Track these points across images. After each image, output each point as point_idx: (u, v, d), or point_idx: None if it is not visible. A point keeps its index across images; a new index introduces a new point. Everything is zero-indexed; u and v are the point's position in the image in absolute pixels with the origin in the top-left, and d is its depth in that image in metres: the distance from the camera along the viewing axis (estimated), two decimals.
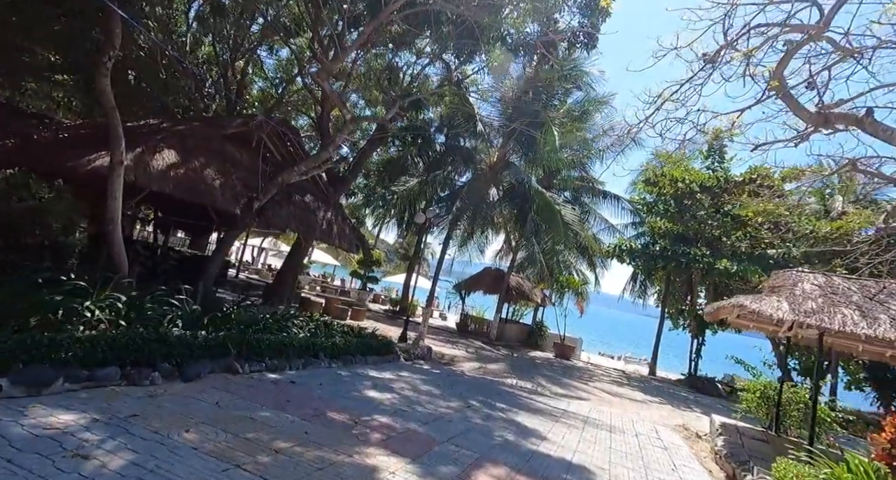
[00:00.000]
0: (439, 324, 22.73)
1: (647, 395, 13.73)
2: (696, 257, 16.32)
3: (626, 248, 18.34)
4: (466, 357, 14.15)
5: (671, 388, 16.74)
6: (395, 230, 26.91)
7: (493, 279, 21.07)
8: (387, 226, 27.68)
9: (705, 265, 15.94)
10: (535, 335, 21.51)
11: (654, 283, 24.87)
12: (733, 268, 15.20)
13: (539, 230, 12.57)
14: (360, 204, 29.13)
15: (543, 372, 14.23)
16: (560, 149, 12.94)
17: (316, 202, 10.38)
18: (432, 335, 17.81)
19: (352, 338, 9.22)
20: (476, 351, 15.85)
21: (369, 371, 8.28)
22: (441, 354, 13.61)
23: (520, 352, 18.47)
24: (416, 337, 13.50)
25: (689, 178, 17.80)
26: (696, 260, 16.34)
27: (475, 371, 12.09)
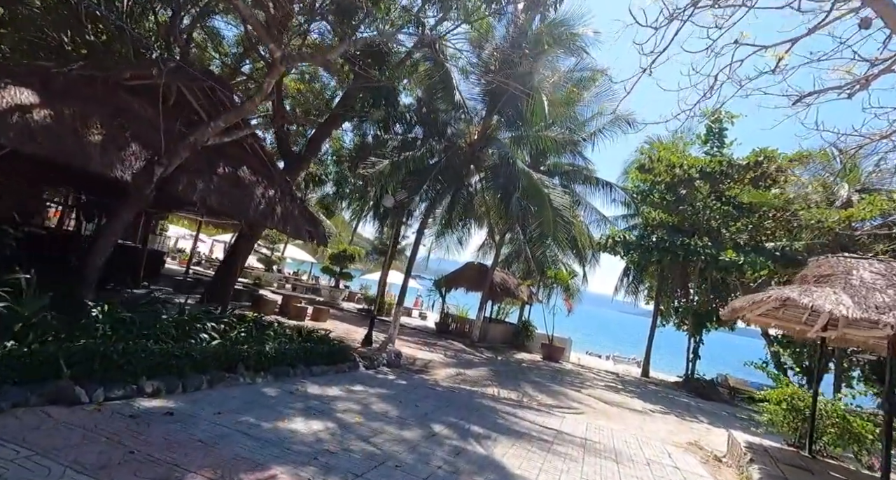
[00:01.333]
0: (418, 325, 20.95)
1: (647, 403, 12.19)
2: (696, 249, 14.87)
3: (620, 240, 16.82)
4: (443, 362, 12.40)
5: (669, 393, 15.27)
6: (374, 224, 25.02)
7: (476, 274, 19.38)
8: (365, 220, 25.74)
9: (707, 257, 14.50)
10: (521, 335, 19.90)
11: (645, 279, 23.54)
12: (740, 260, 13.78)
13: (526, 214, 10.91)
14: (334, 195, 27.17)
15: (531, 378, 12.57)
16: (549, 121, 11.32)
17: (255, 178, 8.48)
18: (407, 336, 16.01)
19: (294, 344, 7.37)
20: (455, 355, 14.11)
21: (310, 386, 6.45)
22: (413, 359, 11.82)
23: (504, 355, 16.80)
24: (384, 340, 11.69)
25: (688, 163, 16.37)
26: (696, 252, 14.90)
27: (451, 379, 10.34)
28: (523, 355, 18.10)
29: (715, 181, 16.22)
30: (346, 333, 12.40)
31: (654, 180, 18.22)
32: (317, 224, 9.46)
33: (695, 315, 17.46)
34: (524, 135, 12.38)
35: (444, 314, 19.99)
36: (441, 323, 19.64)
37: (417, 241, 12.45)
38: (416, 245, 12.56)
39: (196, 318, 6.15)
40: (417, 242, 12.49)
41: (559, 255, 20.56)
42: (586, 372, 16.60)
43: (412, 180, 11.16)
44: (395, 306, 12.50)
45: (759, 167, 14.44)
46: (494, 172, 11.80)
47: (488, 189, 13.47)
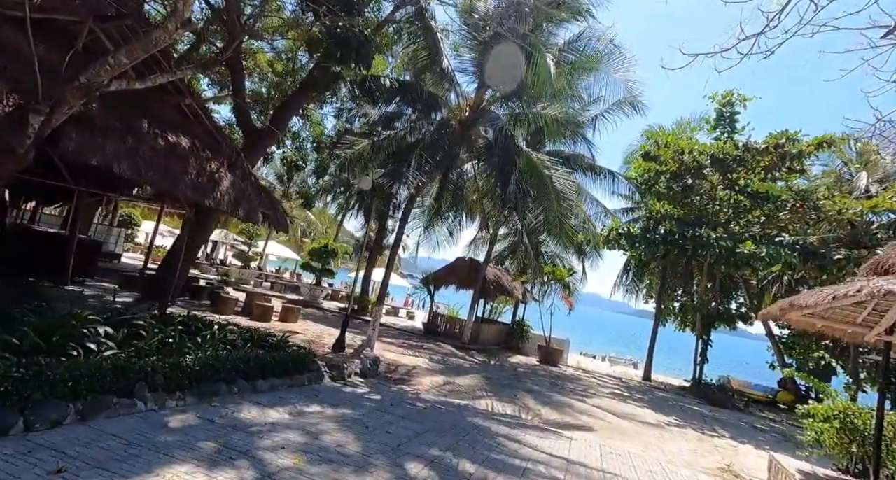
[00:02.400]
0: (405, 325, 19.40)
1: (659, 414, 10.79)
2: (709, 241, 13.51)
3: (624, 232, 15.43)
4: (429, 368, 10.87)
5: (679, 400, 13.91)
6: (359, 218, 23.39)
7: (468, 271, 17.89)
8: (351, 214, 24.13)
9: (722, 250, 13.16)
10: (515, 336, 18.45)
11: (645, 277, 22.24)
12: (761, 252, 12.44)
13: (525, 198, 9.45)
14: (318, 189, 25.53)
15: (529, 386, 11.10)
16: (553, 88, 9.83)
17: (195, 146, 6.88)
18: (390, 339, 14.46)
19: (238, 352, 5.80)
20: (443, 359, 12.59)
21: (247, 409, 4.89)
22: (395, 365, 10.28)
23: (498, 358, 15.33)
24: (361, 344, 10.13)
25: (698, 149, 15.04)
26: (708, 246, 13.55)
27: (437, 390, 8.82)
28: (518, 358, 16.64)
29: (727, 169, 14.90)
30: (318, 336, 10.82)
31: (658, 170, 16.89)
32: (275, 206, 7.87)
33: (703, 314, 16.15)
34: (522, 113, 10.90)
35: (432, 313, 18.47)
36: (429, 323, 18.11)
37: (400, 230, 10.94)
38: (399, 233, 11.05)
39: (81, 322, 4.53)
40: (401, 231, 10.98)
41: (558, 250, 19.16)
42: (588, 377, 15.19)
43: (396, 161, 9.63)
44: (375, 304, 10.94)
45: (780, 150, 13.12)
46: (489, 151, 10.32)
47: (481, 173, 12.03)
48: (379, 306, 10.83)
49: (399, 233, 10.90)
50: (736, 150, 14.00)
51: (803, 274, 15.81)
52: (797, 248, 12.61)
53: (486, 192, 12.46)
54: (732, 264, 14.07)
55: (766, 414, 14.12)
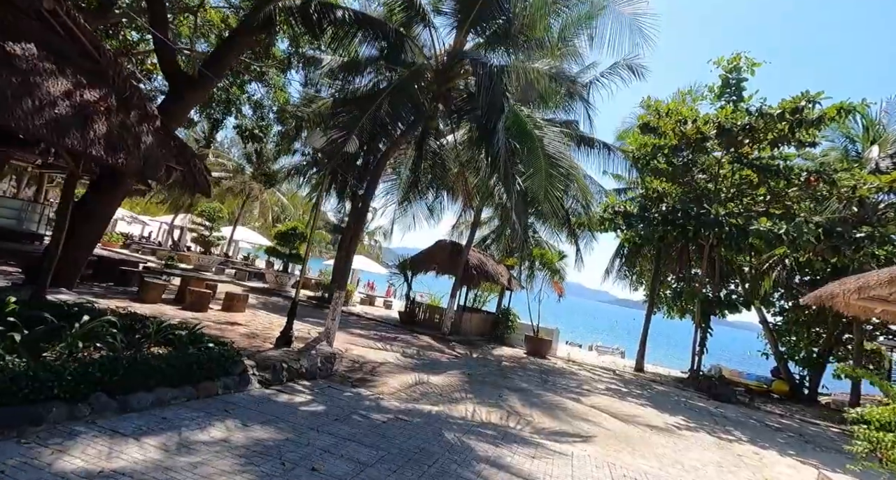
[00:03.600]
0: (380, 315, 17.73)
1: (664, 413, 9.42)
2: (718, 219, 12.11)
3: (621, 210, 13.95)
4: (399, 364, 9.23)
5: (679, 395, 12.64)
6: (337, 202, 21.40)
7: (449, 255, 16.25)
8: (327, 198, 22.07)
9: (732, 228, 11.77)
10: (501, 326, 16.96)
11: (635, 264, 20.93)
12: (780, 229, 11.08)
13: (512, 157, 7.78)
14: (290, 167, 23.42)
15: (516, 384, 9.58)
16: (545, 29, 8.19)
17: (67, 72, 4.98)
18: (361, 330, 12.79)
19: (116, 354, 4.04)
20: (418, 353, 10.99)
21: (83, 443, 3.17)
22: (359, 362, 8.62)
23: (481, 350, 13.82)
24: (315, 337, 8.44)
25: (702, 118, 13.57)
26: (715, 224, 12.16)
27: (406, 392, 7.19)
28: (504, 350, 15.17)
29: (733, 141, 13.47)
30: (266, 328, 9.05)
31: (657, 144, 15.42)
32: (190, 161, 6.00)
33: (703, 301, 14.88)
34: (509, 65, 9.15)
35: (409, 302, 16.82)
36: (406, 312, 16.47)
37: (367, 196, 9.13)
38: (366, 200, 9.25)
39: None
40: (367, 197, 9.17)
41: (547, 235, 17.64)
42: (580, 371, 13.80)
43: (351, 112, 7.82)
44: (336, 290, 9.22)
45: (797, 116, 11.70)
46: (470, 103, 8.58)
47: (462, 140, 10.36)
48: (340, 292, 9.10)
49: (366, 200, 9.11)
50: (748, 116, 12.52)
51: (809, 256, 14.64)
52: (816, 226, 11.27)
53: (467, 161, 10.76)
54: (739, 245, 12.74)
55: (770, 409, 12.99)
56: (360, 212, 19.30)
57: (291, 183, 25.64)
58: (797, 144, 13.46)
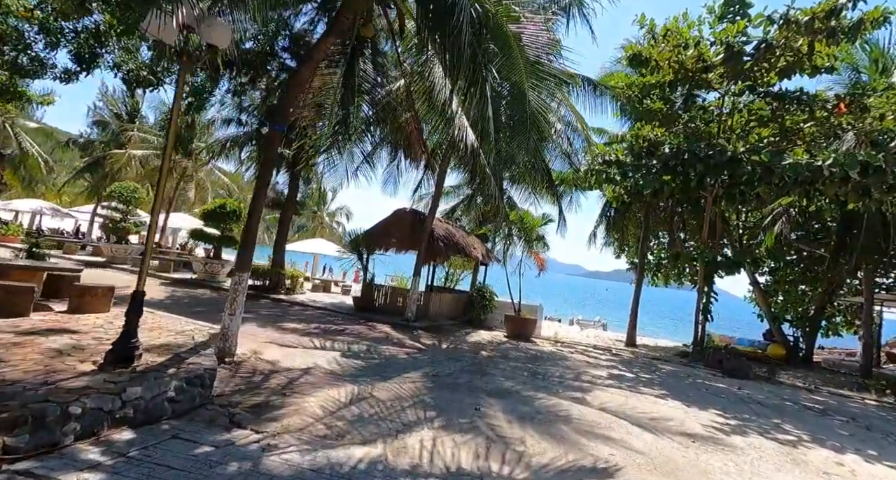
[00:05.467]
0: (334, 302, 14.92)
1: (692, 405, 7.20)
2: (737, 157, 9.80)
3: (613, 159, 11.49)
4: (333, 371, 6.51)
5: (693, 375, 10.57)
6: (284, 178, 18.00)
7: (411, 227, 13.51)
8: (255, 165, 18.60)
9: (757, 167, 9.47)
10: (476, 306, 14.50)
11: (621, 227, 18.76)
12: (827, 159, 8.83)
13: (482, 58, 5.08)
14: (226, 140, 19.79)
15: (498, 384, 7.09)
16: None
17: None
18: (299, 324, 10.01)
19: None
20: (368, 350, 8.31)
21: None
22: (268, 374, 5.87)
23: (453, 338, 11.31)
24: (200, 344, 5.63)
25: (706, 41, 11.14)
26: (733, 164, 9.85)
27: (323, 425, 4.50)
28: (481, 334, 12.74)
29: (740, 67, 11.12)
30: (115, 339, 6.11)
31: (648, 83, 12.97)
32: None
33: (707, 262, 12.81)
34: None
35: (366, 285, 14.05)
36: (363, 297, 13.71)
37: (271, 144, 6.24)
38: (271, 148, 6.35)
39: None
40: (271, 146, 6.28)
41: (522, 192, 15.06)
42: (572, 354, 11.52)
43: None
44: (236, 273, 6.34)
45: (832, 20, 9.37)
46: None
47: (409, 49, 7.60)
48: (240, 274, 6.23)
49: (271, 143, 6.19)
50: (769, 24, 10.08)
51: (822, 203, 12.73)
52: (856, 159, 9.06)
53: (423, 92, 7.92)
54: (749, 192, 10.56)
55: (789, 380, 11.18)
56: (293, 177, 16.18)
57: (231, 159, 21.94)
58: (810, 71, 11.26)
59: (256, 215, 6.44)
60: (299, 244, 28.71)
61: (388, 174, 15.87)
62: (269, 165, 6.53)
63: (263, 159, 6.50)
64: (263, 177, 6.47)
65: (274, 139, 6.44)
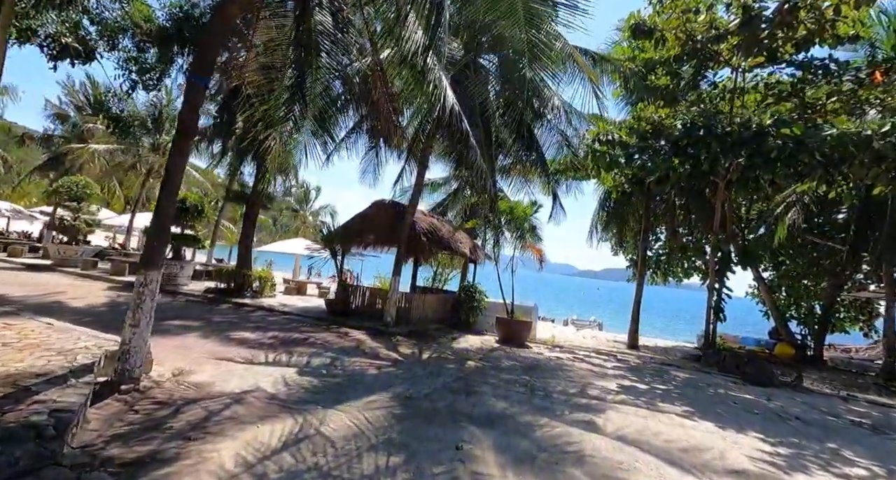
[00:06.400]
0: (306, 306, 13.38)
1: (728, 427, 5.85)
2: (763, 131, 8.51)
3: (617, 139, 10.16)
4: (275, 396, 5.03)
5: (712, 383, 9.26)
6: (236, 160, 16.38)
7: (391, 220, 12.04)
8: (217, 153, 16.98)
9: (788, 142, 8.17)
10: (463, 308, 13.07)
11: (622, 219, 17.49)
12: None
13: None
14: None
15: (488, 407, 5.66)
16: None
17: None
18: (254, 333, 8.50)
19: None
20: (330, 365, 6.83)
21: None
22: (185, 403, 4.36)
23: (437, 345, 9.86)
24: (79, 368, 4.09)
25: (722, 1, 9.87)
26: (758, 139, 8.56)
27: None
28: (470, 339, 11.31)
29: (757, 34, 9.87)
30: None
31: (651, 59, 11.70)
32: None
33: (725, 254, 11.55)
34: None
35: (341, 286, 12.54)
36: (336, 300, 12.20)
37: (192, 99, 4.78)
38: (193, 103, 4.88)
39: None
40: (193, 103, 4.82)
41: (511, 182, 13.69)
42: (573, 362, 10.14)
43: None
44: (143, 271, 4.83)
45: None
46: None
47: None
48: (148, 272, 4.74)
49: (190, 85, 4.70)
50: None
51: (844, 188, 11.56)
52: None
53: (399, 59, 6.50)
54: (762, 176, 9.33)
55: (815, 386, 9.96)
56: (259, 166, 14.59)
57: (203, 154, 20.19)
58: (832, 41, 10.06)
59: (170, 190, 4.94)
60: (280, 244, 27.05)
61: (366, 163, 14.42)
62: (186, 130, 5.04)
63: (179, 119, 5.02)
64: (179, 144, 4.98)
65: (195, 95, 4.96)
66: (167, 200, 4.89)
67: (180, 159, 4.99)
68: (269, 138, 7.47)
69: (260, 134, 7.64)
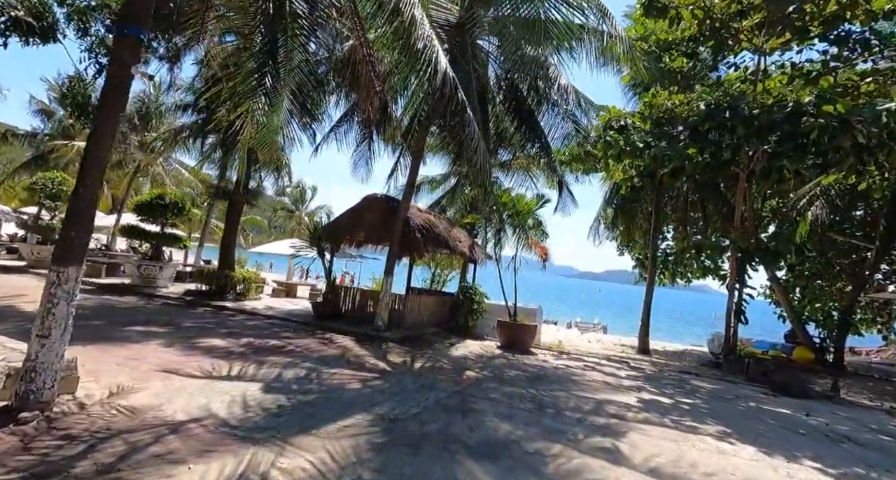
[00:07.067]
0: (293, 309, 12.42)
1: (768, 450, 4.89)
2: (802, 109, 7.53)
3: (630, 124, 9.20)
4: (220, 425, 4.06)
5: (741, 395, 8.28)
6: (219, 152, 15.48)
7: (383, 216, 11.12)
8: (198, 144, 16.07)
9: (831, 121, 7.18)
10: (462, 310, 12.10)
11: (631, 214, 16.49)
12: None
13: None
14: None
15: (487, 431, 4.69)
16: None
17: None
18: (227, 339, 7.55)
19: None
20: (305, 377, 5.87)
21: None
22: (95, 436, 3.36)
23: (432, 352, 8.89)
24: None
25: None
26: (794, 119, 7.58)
27: None
28: (469, 345, 10.35)
29: (783, 9, 8.94)
30: None
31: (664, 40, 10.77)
32: None
33: (746, 251, 10.60)
34: None
35: (330, 287, 11.58)
36: (324, 303, 11.25)
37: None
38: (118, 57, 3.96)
39: None
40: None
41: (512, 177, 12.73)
42: (584, 370, 9.15)
43: None
44: (54, 269, 3.88)
45: None
46: None
47: None
48: (61, 268, 3.80)
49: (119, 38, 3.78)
50: None
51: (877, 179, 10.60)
52: None
53: None
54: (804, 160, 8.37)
55: (851, 397, 8.99)
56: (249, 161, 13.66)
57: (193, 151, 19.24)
58: (863, 18, 9.12)
59: (92, 166, 4.00)
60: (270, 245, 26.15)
61: (358, 156, 13.50)
62: (117, 89, 4.10)
63: (106, 79, 4.09)
64: (105, 112, 4.04)
65: (127, 50, 4.03)
66: (89, 178, 3.95)
67: (100, 150, 4.04)
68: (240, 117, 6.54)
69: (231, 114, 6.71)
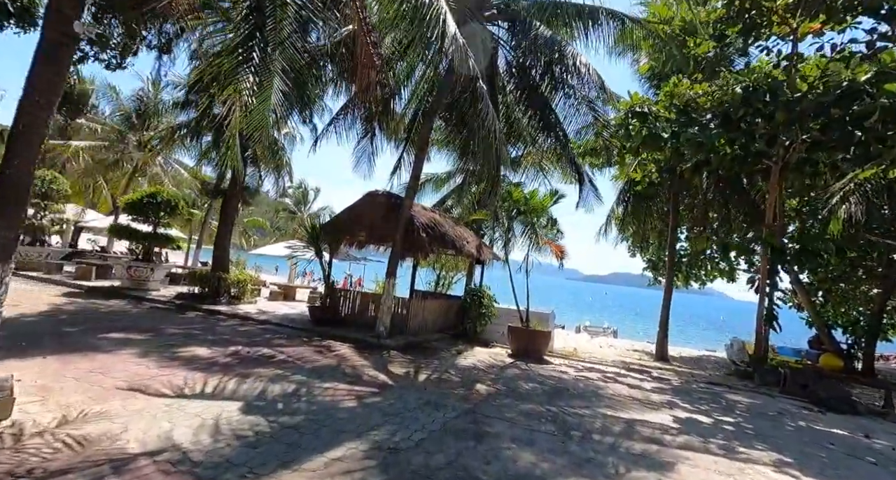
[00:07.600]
0: (289, 313, 11.69)
1: None
2: (859, 89, 6.73)
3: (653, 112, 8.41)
4: (177, 462, 3.31)
5: (783, 412, 7.43)
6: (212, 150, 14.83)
7: (383, 214, 10.36)
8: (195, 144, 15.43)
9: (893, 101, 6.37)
10: (470, 315, 11.31)
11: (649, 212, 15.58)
12: None
13: None
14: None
15: (506, 461, 3.89)
16: None
17: None
18: (212, 347, 6.80)
19: None
20: (293, 393, 5.10)
21: None
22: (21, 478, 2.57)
23: (438, 362, 8.11)
24: None
25: None
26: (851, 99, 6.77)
27: None
28: (478, 353, 9.56)
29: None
30: None
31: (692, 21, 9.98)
32: None
33: (778, 249, 9.74)
34: None
35: (328, 289, 10.84)
36: (322, 307, 10.51)
37: None
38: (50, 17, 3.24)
39: None
40: None
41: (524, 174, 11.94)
42: (606, 382, 8.32)
43: None
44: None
45: None
46: None
47: None
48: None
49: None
50: None
51: None
52: None
53: None
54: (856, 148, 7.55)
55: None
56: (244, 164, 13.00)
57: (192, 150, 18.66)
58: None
59: (20, 149, 3.29)
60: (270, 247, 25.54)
61: (360, 151, 12.79)
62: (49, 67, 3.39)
63: (40, 38, 3.39)
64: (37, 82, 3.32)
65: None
66: (22, 166, 3.24)
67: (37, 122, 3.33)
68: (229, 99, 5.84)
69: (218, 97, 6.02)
